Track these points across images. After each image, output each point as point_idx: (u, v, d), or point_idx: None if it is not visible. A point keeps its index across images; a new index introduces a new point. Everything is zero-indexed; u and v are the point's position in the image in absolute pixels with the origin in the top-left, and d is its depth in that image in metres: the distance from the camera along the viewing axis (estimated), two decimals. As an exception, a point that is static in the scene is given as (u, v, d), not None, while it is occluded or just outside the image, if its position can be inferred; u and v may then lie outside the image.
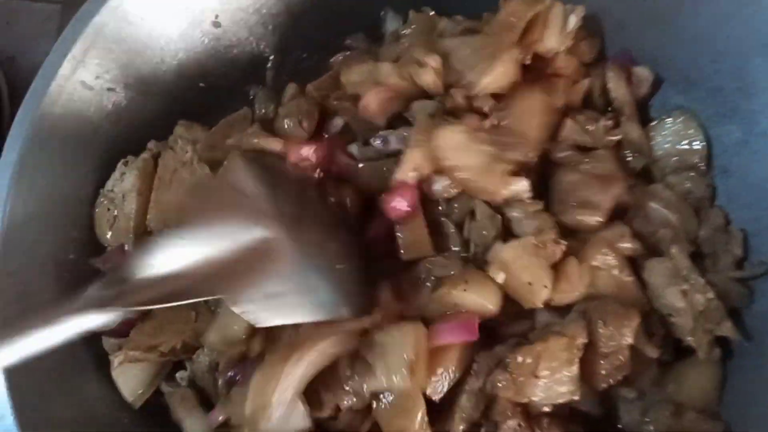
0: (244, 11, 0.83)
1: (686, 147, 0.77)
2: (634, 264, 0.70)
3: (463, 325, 0.65)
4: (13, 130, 0.70)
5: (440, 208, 0.73)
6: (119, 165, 0.77)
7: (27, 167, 0.69)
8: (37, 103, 0.70)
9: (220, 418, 0.70)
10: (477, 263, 0.70)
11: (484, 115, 0.72)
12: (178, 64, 0.81)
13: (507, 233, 0.70)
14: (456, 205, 0.72)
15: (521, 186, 0.68)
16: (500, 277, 0.66)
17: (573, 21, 0.74)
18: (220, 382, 0.70)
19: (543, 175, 0.72)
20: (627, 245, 0.70)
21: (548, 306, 0.68)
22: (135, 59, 0.77)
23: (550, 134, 0.73)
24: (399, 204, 0.69)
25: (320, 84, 0.82)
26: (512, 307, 0.68)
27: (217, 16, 0.82)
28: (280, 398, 0.62)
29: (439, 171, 0.70)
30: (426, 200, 0.72)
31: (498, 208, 0.70)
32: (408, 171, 0.69)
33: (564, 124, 0.74)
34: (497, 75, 0.70)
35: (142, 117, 0.80)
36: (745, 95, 0.71)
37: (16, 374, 0.64)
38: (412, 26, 0.82)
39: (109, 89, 0.76)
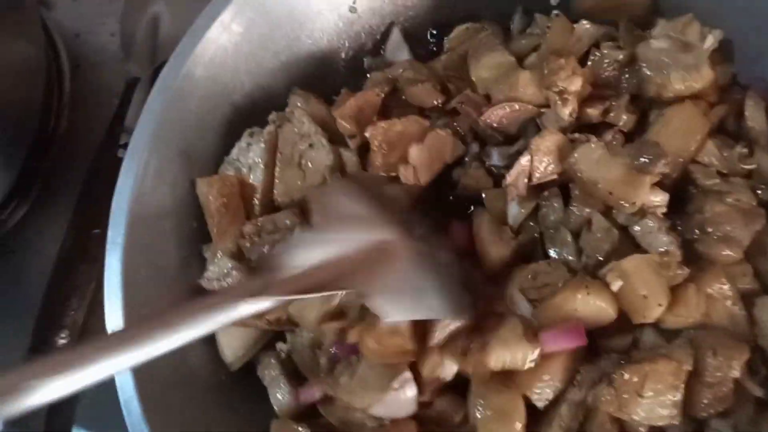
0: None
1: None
2: (745, 298, 0.70)
3: (573, 330, 0.66)
4: (159, 83, 0.72)
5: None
6: (245, 135, 0.79)
7: (167, 123, 0.71)
8: (183, 61, 0.72)
9: (317, 395, 0.71)
10: (587, 272, 0.70)
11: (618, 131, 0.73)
12: (312, 42, 0.83)
13: (625, 246, 0.70)
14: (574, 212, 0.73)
15: (661, 199, 0.68)
16: (617, 285, 0.66)
17: (710, 40, 0.75)
18: (322, 359, 0.71)
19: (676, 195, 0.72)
20: (747, 285, 0.70)
21: (655, 326, 0.68)
22: (274, 32, 0.79)
23: (693, 155, 0.73)
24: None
25: (447, 62, 0.83)
26: (616, 320, 0.69)
27: (354, 2, 0.84)
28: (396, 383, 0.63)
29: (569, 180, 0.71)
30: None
31: (617, 220, 0.71)
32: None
33: (705, 145, 0.73)
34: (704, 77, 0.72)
35: (270, 89, 0.82)
36: None
37: (131, 318, 0.66)
38: (548, 28, 0.82)
39: (246, 57, 0.78)
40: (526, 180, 0.73)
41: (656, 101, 0.75)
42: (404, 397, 0.67)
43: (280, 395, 0.73)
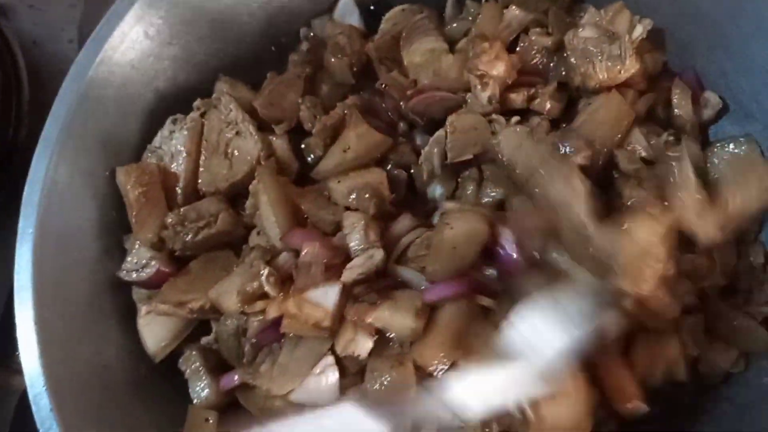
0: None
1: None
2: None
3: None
4: (73, 70, 0.70)
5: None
6: (167, 122, 0.78)
7: (81, 111, 0.71)
8: (99, 47, 0.70)
9: (236, 379, 0.70)
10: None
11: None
12: (239, 25, 0.82)
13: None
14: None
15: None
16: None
17: (639, 30, 0.75)
18: (246, 346, 0.70)
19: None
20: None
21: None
22: (198, 17, 0.78)
23: (617, 143, 0.73)
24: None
25: (380, 43, 0.82)
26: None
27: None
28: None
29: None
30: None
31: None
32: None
33: (630, 134, 0.73)
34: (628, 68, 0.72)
35: (195, 76, 0.81)
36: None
37: (42, 311, 0.65)
38: (478, 15, 0.81)
39: (168, 43, 0.77)
40: (439, 159, 0.73)
41: (584, 90, 0.75)
42: (326, 382, 0.67)
43: (199, 388, 0.72)
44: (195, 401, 0.72)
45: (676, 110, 0.77)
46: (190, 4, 0.77)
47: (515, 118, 0.73)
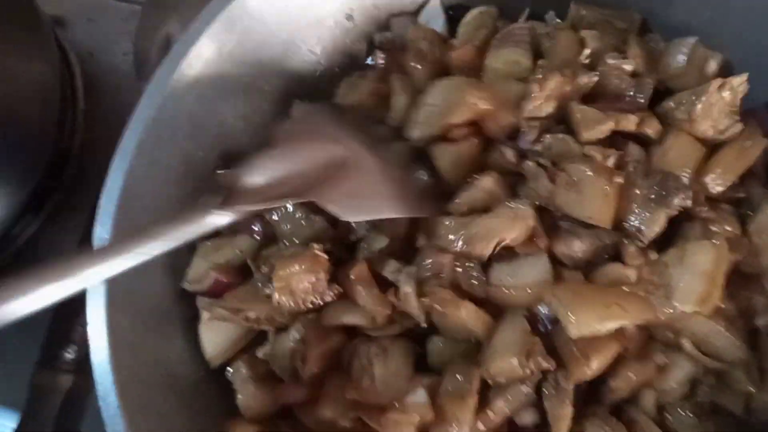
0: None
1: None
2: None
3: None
4: (151, 86, 0.75)
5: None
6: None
7: (157, 125, 0.75)
8: (174, 67, 0.74)
9: (299, 396, 0.73)
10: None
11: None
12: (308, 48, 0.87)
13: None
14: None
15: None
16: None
17: (713, 66, 0.78)
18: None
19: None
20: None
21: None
22: (269, 39, 0.83)
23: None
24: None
25: (463, 54, 0.85)
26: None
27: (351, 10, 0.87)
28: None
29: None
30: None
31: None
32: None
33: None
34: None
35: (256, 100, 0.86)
36: None
37: (113, 313, 0.68)
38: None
39: (241, 63, 0.81)
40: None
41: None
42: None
43: (244, 397, 0.74)
44: (241, 410, 0.74)
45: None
46: (262, 30, 0.81)
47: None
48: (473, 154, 0.78)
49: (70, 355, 0.93)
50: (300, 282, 0.71)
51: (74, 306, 0.92)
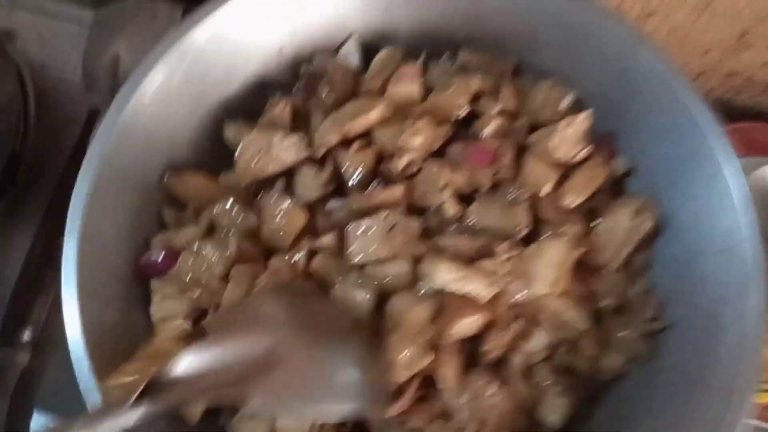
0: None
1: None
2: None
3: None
4: (108, 115, 0.89)
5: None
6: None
7: (116, 146, 0.90)
8: (131, 93, 0.89)
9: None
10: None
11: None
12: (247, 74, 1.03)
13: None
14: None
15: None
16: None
17: (567, 101, 0.99)
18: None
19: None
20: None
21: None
22: (211, 69, 0.98)
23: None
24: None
25: (368, 83, 1.05)
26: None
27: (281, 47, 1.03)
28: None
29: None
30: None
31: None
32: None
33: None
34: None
35: (205, 116, 1.02)
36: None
37: (84, 298, 0.83)
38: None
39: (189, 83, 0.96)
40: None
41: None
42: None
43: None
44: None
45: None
46: (209, 56, 0.96)
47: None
48: (370, 163, 0.98)
49: (26, 334, 1.07)
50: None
51: (31, 291, 1.07)
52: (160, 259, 0.93)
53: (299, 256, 0.94)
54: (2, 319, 1.08)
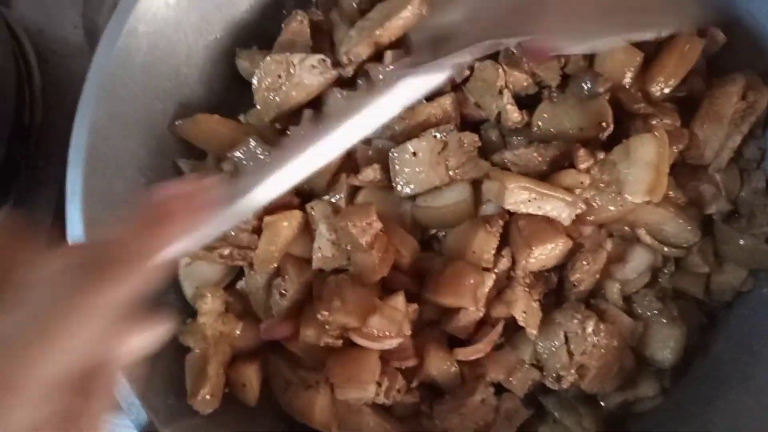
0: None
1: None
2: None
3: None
4: (101, 45, 0.77)
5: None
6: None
7: (114, 77, 0.77)
8: (125, 18, 0.76)
9: (286, 332, 0.76)
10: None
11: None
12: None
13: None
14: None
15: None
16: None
17: None
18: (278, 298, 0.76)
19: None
20: (670, 193, 0.76)
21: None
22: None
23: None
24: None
25: None
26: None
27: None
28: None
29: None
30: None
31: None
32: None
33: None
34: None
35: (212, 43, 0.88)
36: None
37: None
38: None
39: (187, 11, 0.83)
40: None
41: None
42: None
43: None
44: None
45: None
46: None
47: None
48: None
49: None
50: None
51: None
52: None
53: (339, 197, 0.80)
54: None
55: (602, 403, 0.78)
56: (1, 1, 1.18)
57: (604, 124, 0.74)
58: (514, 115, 0.77)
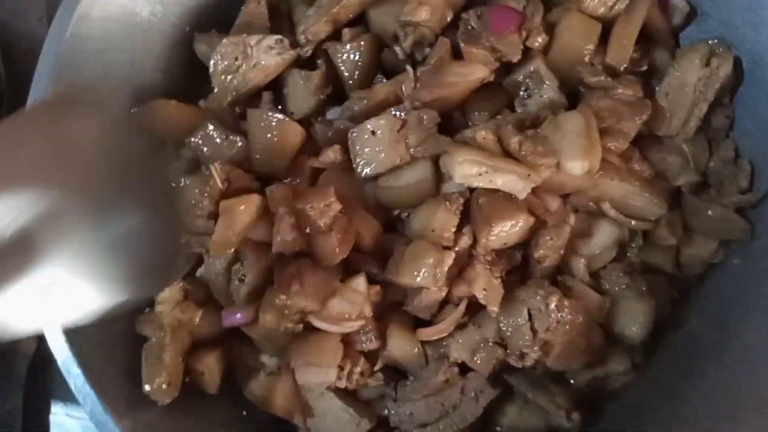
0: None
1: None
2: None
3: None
4: (52, 31, 0.75)
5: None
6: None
7: (64, 67, 0.75)
8: (76, 2, 0.74)
9: (245, 318, 0.75)
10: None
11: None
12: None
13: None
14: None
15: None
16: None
17: None
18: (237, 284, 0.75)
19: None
20: (635, 166, 0.74)
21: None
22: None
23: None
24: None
25: None
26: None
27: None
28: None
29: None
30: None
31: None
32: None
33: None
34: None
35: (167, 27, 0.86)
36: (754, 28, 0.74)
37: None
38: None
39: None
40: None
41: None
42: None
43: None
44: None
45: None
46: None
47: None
48: (369, 53, 0.81)
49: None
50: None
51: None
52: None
53: (300, 180, 0.79)
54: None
55: (571, 381, 0.76)
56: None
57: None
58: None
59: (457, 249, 0.72)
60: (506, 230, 0.71)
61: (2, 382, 0.96)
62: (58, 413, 0.98)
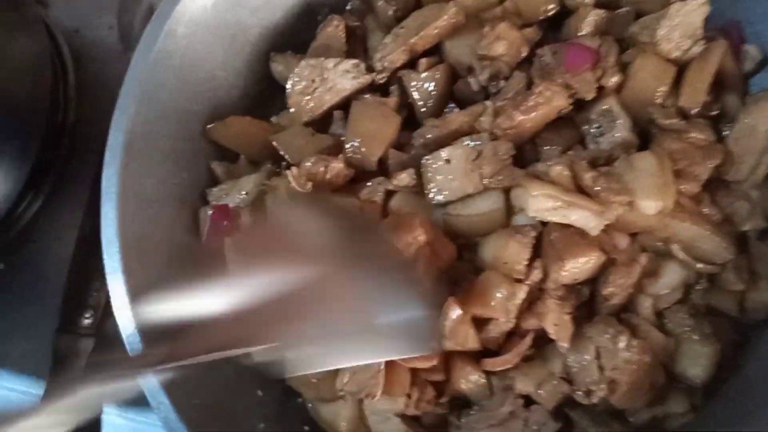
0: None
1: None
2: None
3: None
4: (142, 43, 0.77)
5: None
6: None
7: (152, 82, 0.78)
8: (165, 20, 0.77)
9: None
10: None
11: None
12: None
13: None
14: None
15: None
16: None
17: None
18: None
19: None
20: (705, 210, 0.75)
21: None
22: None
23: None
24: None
25: None
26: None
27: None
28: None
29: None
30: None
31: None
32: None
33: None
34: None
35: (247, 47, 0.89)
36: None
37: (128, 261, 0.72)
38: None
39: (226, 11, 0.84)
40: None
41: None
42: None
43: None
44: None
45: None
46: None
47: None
48: (443, 83, 0.82)
49: (88, 319, 0.97)
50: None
51: (87, 272, 0.97)
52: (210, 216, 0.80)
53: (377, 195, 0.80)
54: (60, 304, 0.96)
55: (630, 419, 0.77)
56: (38, 1, 1.19)
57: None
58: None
59: (528, 282, 0.73)
60: (578, 267, 0.72)
61: (60, 381, 0.96)
62: (111, 413, 0.98)
